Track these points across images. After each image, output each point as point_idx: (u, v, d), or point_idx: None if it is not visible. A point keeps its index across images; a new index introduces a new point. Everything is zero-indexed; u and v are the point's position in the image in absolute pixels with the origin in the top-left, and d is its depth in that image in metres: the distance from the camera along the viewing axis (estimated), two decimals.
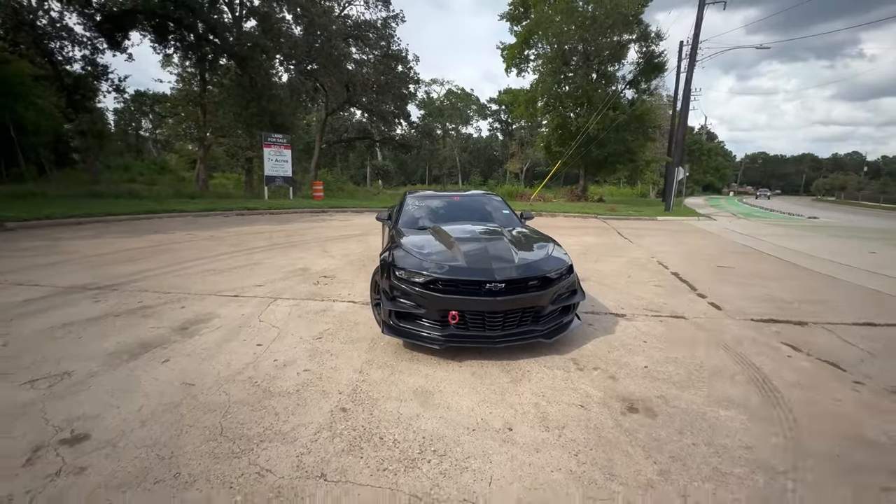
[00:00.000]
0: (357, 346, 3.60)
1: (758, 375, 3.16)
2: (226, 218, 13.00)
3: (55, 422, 2.45)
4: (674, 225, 15.32)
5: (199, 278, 5.66)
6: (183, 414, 2.55)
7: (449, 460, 2.18)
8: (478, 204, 5.29)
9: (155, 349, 3.45)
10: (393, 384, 2.97)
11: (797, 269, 7.33)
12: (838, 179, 68.07)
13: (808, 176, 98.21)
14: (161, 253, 7.22)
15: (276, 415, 2.57)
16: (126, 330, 3.83)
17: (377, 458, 2.20)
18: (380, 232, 10.48)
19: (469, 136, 69.88)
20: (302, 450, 2.25)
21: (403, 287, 3.36)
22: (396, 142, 34.68)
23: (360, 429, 2.45)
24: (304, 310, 4.52)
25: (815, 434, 2.44)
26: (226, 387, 2.88)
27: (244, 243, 8.36)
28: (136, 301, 4.64)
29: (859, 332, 4.14)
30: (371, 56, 28.08)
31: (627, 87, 22.53)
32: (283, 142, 18.38)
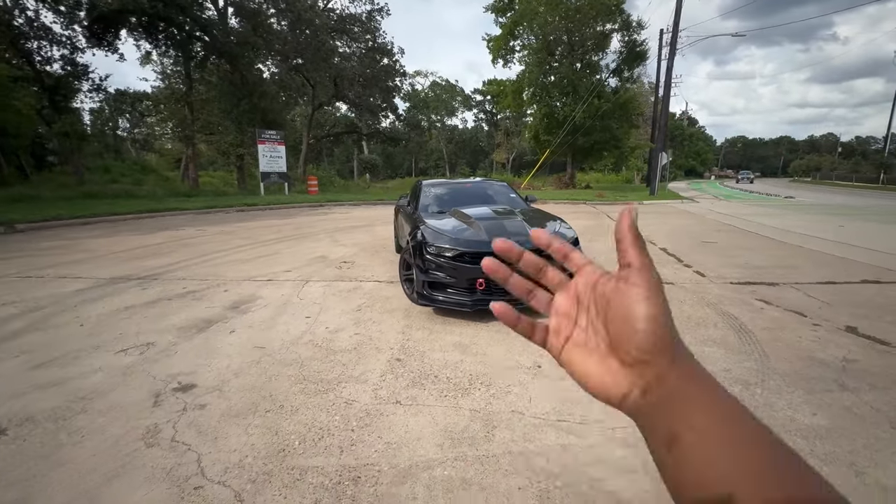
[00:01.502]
0: (394, 315, 4.13)
1: (735, 323, 3.78)
2: (227, 215, 13.31)
3: (161, 377, 2.94)
4: (659, 208, 16.08)
5: (228, 267, 6.10)
6: (266, 368, 3.06)
7: (494, 388, 2.75)
8: (487, 189, 5.84)
9: (218, 323, 3.94)
10: (434, 341, 3.52)
11: (773, 241, 8.05)
12: (814, 161, 70.38)
13: (785, 158, 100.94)
14: (181, 247, 7.61)
15: (343, 365, 3.10)
16: (184, 310, 4.30)
17: (437, 389, 2.75)
18: (385, 222, 11.00)
19: (455, 128, 70.20)
20: (374, 387, 2.79)
21: (435, 261, 3.90)
22: (384, 135, 34.93)
23: (417, 371, 3.00)
24: (336, 289, 5.02)
25: (779, 359, 3.07)
26: (293, 348, 3.40)
27: (256, 236, 8.77)
28: (180, 287, 5.09)
29: (821, 289, 4.81)
30: (356, 49, 28.27)
31: (611, 76, 23.21)
32: (277, 138, 18.61)
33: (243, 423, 2.40)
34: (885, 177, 35.47)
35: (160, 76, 32.48)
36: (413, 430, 2.33)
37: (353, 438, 2.26)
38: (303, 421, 2.42)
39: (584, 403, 2.54)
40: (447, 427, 2.35)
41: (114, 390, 2.77)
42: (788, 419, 2.35)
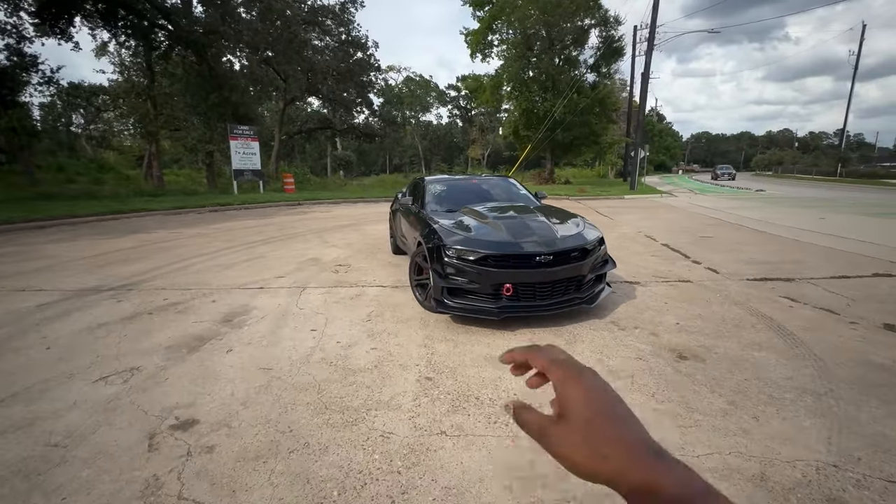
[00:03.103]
0: (410, 325, 3.77)
1: (772, 324, 3.61)
2: (200, 215, 12.51)
3: (154, 411, 2.49)
4: (642, 202, 16.21)
5: (212, 274, 5.56)
6: (278, 394, 2.65)
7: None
8: (495, 186, 5.52)
9: (211, 341, 3.47)
10: (462, 354, 3.18)
11: (765, 235, 8.09)
12: (776, 155, 73.60)
13: (746, 153, 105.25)
14: (155, 252, 6.96)
15: (367, 388, 2.73)
16: (168, 326, 3.80)
17: (483, 414, 2.42)
18: (373, 220, 10.52)
19: (429, 124, 69.64)
20: (410, 413, 2.43)
21: (456, 264, 3.55)
22: (359, 131, 34.11)
23: (454, 392, 2.65)
24: (337, 296, 4.60)
25: (835, 364, 2.89)
26: (304, 368, 2.99)
27: (238, 238, 8.17)
28: (161, 299, 4.55)
29: (838, 284, 4.75)
30: (329, 43, 27.36)
31: (589, 71, 23.32)
32: (250, 134, 17.72)
33: (265, 470, 2.00)
34: (843, 170, 37.40)
35: (118, 68, 30.60)
36: (470, 468, 2.00)
37: (402, 484, 1.90)
38: (336, 463, 2.04)
39: (656, 427, 2.27)
40: (509, 463, 2.02)
41: (97, 431, 2.30)
42: (880, 435, 2.14)
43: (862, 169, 37.76)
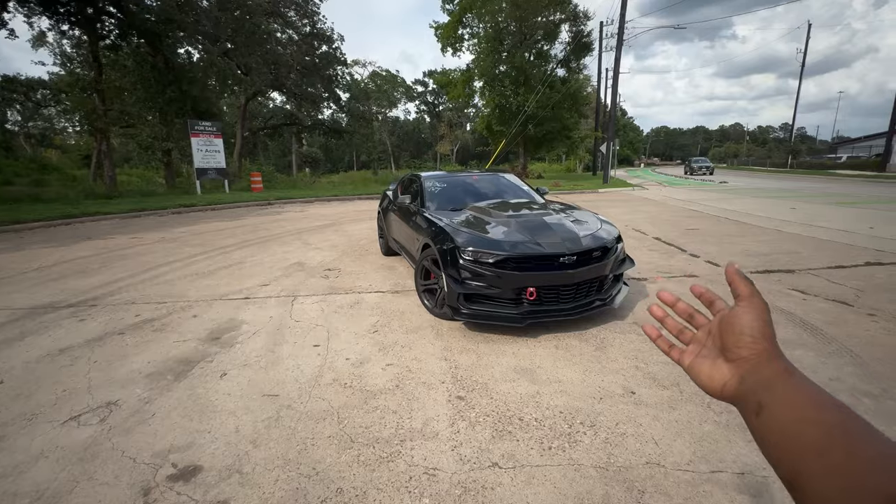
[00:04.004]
0: (422, 335, 3.46)
1: (795, 319, 3.54)
2: (162, 218, 11.60)
3: (143, 458, 2.08)
4: (618, 195, 16.43)
5: (187, 284, 5.04)
6: (292, 427, 2.30)
7: (602, 430, 2.21)
8: (497, 182, 5.26)
9: (199, 364, 3.04)
10: (488, 367, 2.91)
11: (748, 226, 8.25)
12: (732, 148, 77.28)
13: (702, 146, 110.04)
14: (116, 261, 6.29)
15: (394, 413, 2.41)
16: (146, 348, 3.33)
17: (534, 439, 2.16)
18: (352, 219, 10.05)
19: (397, 119, 68.76)
20: (451, 443, 2.14)
21: (474, 268, 3.27)
22: (327, 126, 33.09)
23: (492, 413, 2.38)
24: (334, 305, 4.23)
25: (873, 360, 2.82)
26: (316, 392, 2.64)
27: (210, 243, 7.55)
28: (131, 315, 4.03)
29: (838, 274, 4.79)
30: (291, 35, 26.25)
31: (560, 66, 23.42)
32: (213, 130, 16.68)
33: None
34: (794, 161, 39.70)
35: (60, 59, 28.29)
36: None
37: None
38: None
39: (724, 442, 2.08)
40: (581, 498, 1.77)
41: (74, 490, 1.89)
42: None
43: (810, 160, 40.19)
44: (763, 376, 0.44)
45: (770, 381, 0.43)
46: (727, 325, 0.49)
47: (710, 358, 0.52)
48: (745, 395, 0.45)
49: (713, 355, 0.51)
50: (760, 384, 0.44)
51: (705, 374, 0.51)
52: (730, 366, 0.48)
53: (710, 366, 0.51)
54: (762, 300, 0.48)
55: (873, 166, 30.16)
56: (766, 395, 0.43)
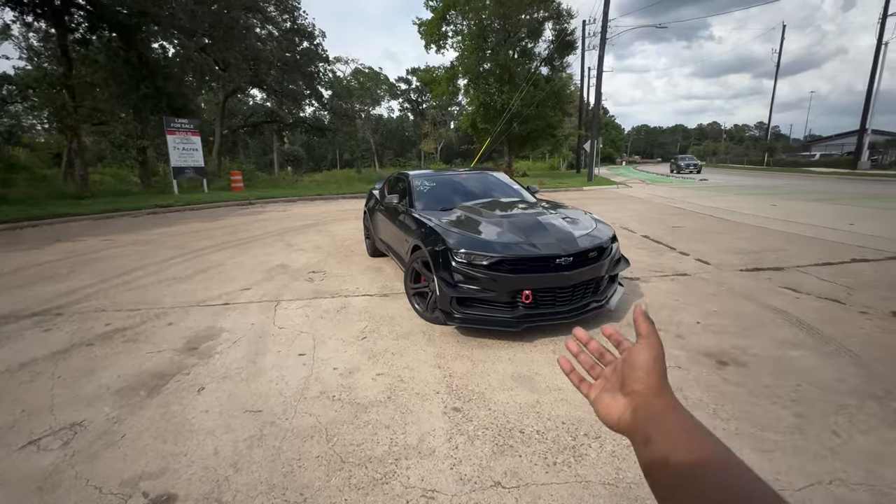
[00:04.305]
0: (413, 341, 3.31)
1: (790, 318, 3.51)
2: (136, 219, 11.14)
3: (110, 487, 1.89)
4: (602, 193, 16.52)
5: (162, 289, 4.77)
6: (277, 447, 2.13)
7: (608, 442, 2.10)
8: (486, 181, 5.13)
9: (175, 378, 2.83)
10: (484, 374, 2.79)
11: (732, 224, 8.32)
12: (710, 146, 78.92)
13: (681, 144, 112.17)
14: (87, 265, 5.96)
15: (387, 428, 2.26)
16: (117, 360, 3.09)
17: (537, 453, 2.04)
18: (337, 219, 9.81)
19: (380, 117, 68.15)
20: (450, 461, 2.01)
21: (467, 271, 3.14)
22: (309, 124, 32.52)
23: (491, 425, 2.25)
24: (320, 310, 4.04)
25: (873, 360, 2.79)
26: (302, 407, 2.46)
27: (187, 245, 7.24)
28: (101, 324, 3.77)
29: (826, 271, 4.82)
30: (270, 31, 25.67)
31: (544, 64, 23.43)
32: (190, 127, 16.15)
33: None
34: (770, 159, 40.72)
35: (26, 53, 27.09)
36: None
37: None
38: None
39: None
40: None
41: None
42: None
43: (785, 158, 41.29)
44: (652, 410, 0.48)
45: (657, 415, 0.47)
46: (626, 363, 0.54)
47: (610, 392, 0.55)
48: (636, 427, 0.49)
49: (613, 389, 0.55)
50: (649, 417, 0.48)
51: (604, 407, 0.55)
52: (625, 399, 0.52)
53: (610, 399, 0.54)
54: (658, 340, 0.52)
55: (845, 164, 31.11)
56: (653, 428, 0.46)
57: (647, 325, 0.53)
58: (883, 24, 26.38)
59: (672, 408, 0.48)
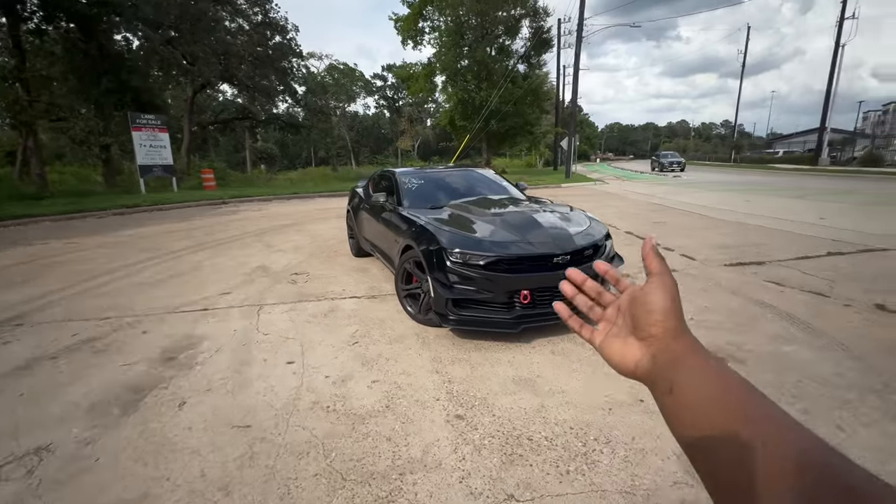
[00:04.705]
0: (406, 345, 3.19)
1: (779, 312, 3.56)
2: (101, 220, 10.56)
3: None
4: (581, 190, 16.70)
5: (134, 294, 4.49)
6: (270, 466, 1.97)
7: (620, 447, 2.04)
8: (475, 178, 5.03)
9: (153, 392, 2.63)
10: (485, 379, 2.69)
11: (711, 220, 8.50)
12: (680, 144, 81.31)
13: (652, 142, 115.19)
14: (48, 269, 5.56)
15: (388, 440, 2.14)
16: (86, 374, 2.85)
17: (548, 461, 1.96)
18: (316, 219, 9.52)
19: (356, 114, 67.21)
20: (458, 473, 1.90)
21: (463, 271, 3.03)
22: (283, 121, 31.71)
23: (499, 434, 2.16)
24: (306, 313, 3.86)
25: (866, 352, 2.83)
26: (295, 420, 2.31)
27: (159, 247, 6.87)
28: (67, 335, 3.49)
29: (806, 265, 4.94)
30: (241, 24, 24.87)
31: (521, 62, 23.54)
32: (158, 124, 15.45)
33: None
34: (738, 156, 42.27)
35: None
36: None
37: None
38: None
39: None
40: None
41: None
42: None
43: (751, 155, 42.90)
44: (673, 354, 0.45)
45: (680, 360, 0.44)
46: (638, 304, 0.49)
47: (620, 337, 0.51)
48: (657, 374, 0.45)
49: (624, 334, 0.51)
50: (671, 363, 0.44)
51: (617, 354, 0.50)
52: (641, 344, 0.48)
53: (622, 345, 0.50)
54: (671, 278, 0.48)
55: (807, 161, 32.54)
56: (677, 374, 0.43)
57: (658, 262, 0.48)
58: (840, 26, 27.65)
59: (695, 350, 0.44)
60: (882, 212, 9.02)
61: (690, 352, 0.44)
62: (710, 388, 0.40)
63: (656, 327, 0.46)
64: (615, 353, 0.51)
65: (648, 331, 0.47)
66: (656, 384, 0.45)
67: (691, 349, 0.44)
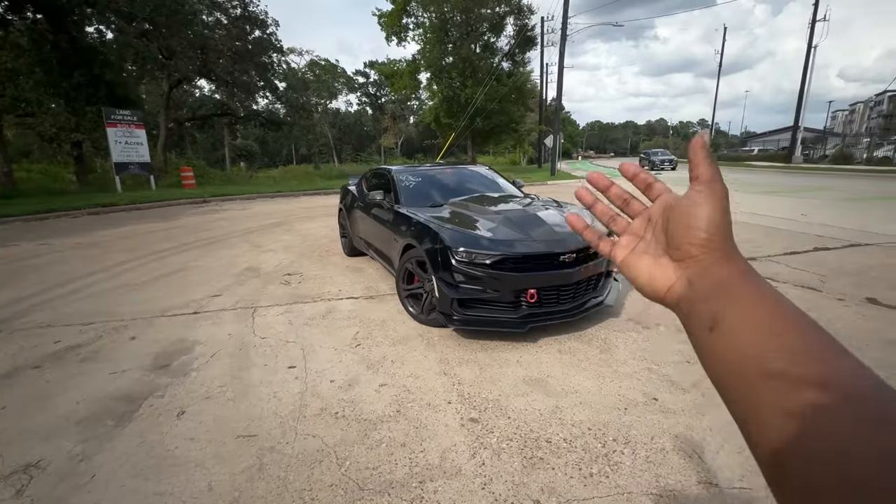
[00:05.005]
0: (412, 347, 3.12)
1: None
2: (76, 220, 10.13)
3: None
4: (568, 188, 16.82)
5: (118, 298, 4.29)
6: (282, 478, 1.88)
7: (641, 447, 2.01)
8: (472, 175, 4.97)
9: (147, 401, 2.49)
10: (495, 380, 2.64)
11: None
12: (659, 142, 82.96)
13: (632, 140, 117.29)
14: (23, 273, 5.28)
15: (402, 446, 2.07)
16: (74, 384, 2.70)
17: (570, 464, 1.92)
18: (303, 217, 9.32)
19: (338, 111, 66.37)
20: (479, 479, 1.85)
21: (469, 270, 2.98)
22: (264, 117, 31.06)
23: (516, 437, 2.11)
24: (304, 316, 3.75)
25: (861, 344, 2.89)
26: (303, 428, 2.22)
27: (141, 247, 6.61)
28: (49, 342, 3.30)
29: (795, 260, 5.06)
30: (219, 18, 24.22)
31: (505, 59, 23.54)
32: (134, 119, 14.91)
33: None
34: (715, 154, 43.23)
35: None
36: None
37: None
38: None
39: None
40: None
41: None
42: None
43: (728, 153, 44.04)
44: (718, 280, 0.36)
45: (727, 287, 0.36)
46: (678, 216, 0.40)
47: (650, 254, 0.43)
48: (694, 302, 0.38)
49: (654, 252, 0.43)
50: (714, 291, 0.36)
51: (645, 275, 0.42)
52: (676, 265, 0.40)
53: (652, 264, 0.42)
54: (723, 186, 0.39)
55: (781, 158, 33.56)
56: (722, 305, 0.35)
57: (708, 165, 0.39)
58: (812, 28, 28.54)
59: (747, 277, 0.36)
60: (858, 207, 9.33)
61: (741, 278, 0.36)
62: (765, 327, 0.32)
63: (698, 247, 0.38)
64: (642, 273, 0.43)
65: (688, 250, 0.39)
66: (693, 316, 0.37)
67: (742, 275, 0.36)
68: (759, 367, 0.30)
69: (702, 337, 0.35)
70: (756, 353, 0.31)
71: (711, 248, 0.37)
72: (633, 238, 0.45)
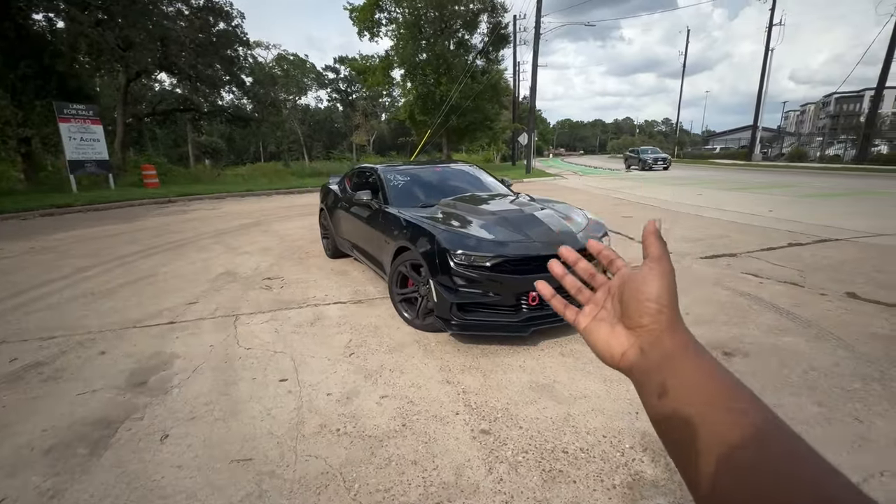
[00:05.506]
0: (410, 354, 2.99)
1: (765, 304, 3.69)
2: (27, 222, 9.40)
3: None
4: (543, 185, 16.98)
5: (81, 308, 3.95)
6: None
7: (659, 455, 1.97)
8: (462, 174, 4.85)
9: (125, 424, 2.27)
10: (501, 387, 2.55)
11: (674, 213, 8.85)
12: (626, 140, 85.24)
13: (600, 138, 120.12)
14: None
15: (414, 464, 1.95)
16: (37, 407, 2.43)
17: (591, 476, 1.85)
18: (280, 217, 8.97)
19: (307, 108, 64.81)
20: (502, 497, 1.75)
21: (468, 273, 2.87)
22: (230, 114, 29.90)
23: (532, 448, 2.03)
24: (290, 323, 3.55)
25: (855, 341, 2.97)
26: (303, 448, 2.06)
27: (103, 251, 6.17)
28: (5, 360, 2.99)
29: (773, 255, 5.21)
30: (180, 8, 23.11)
31: (479, 57, 23.53)
32: (89, 114, 13.98)
33: None
34: (681, 152, 44.96)
35: None
36: None
37: None
38: None
39: None
40: None
41: None
42: None
43: (692, 151, 45.75)
44: (665, 352, 0.40)
45: (673, 359, 0.40)
46: (631, 289, 0.45)
47: (607, 322, 0.47)
48: (645, 370, 0.42)
49: (611, 320, 0.47)
50: (662, 360, 0.40)
51: (602, 341, 0.47)
52: (628, 333, 0.45)
53: (608, 332, 0.47)
54: (670, 264, 0.44)
55: (742, 157, 35.09)
56: (669, 375, 0.39)
57: (658, 245, 0.44)
58: (769, 32, 29.92)
59: (690, 349, 0.40)
60: (822, 203, 9.80)
61: (684, 351, 0.40)
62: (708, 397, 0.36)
63: (648, 318, 0.42)
64: (600, 340, 0.47)
65: (638, 320, 0.43)
66: (644, 384, 0.41)
67: (685, 347, 0.40)
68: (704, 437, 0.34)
69: (652, 402, 0.40)
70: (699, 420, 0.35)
71: (659, 319, 0.42)
72: (595, 307, 0.49)
